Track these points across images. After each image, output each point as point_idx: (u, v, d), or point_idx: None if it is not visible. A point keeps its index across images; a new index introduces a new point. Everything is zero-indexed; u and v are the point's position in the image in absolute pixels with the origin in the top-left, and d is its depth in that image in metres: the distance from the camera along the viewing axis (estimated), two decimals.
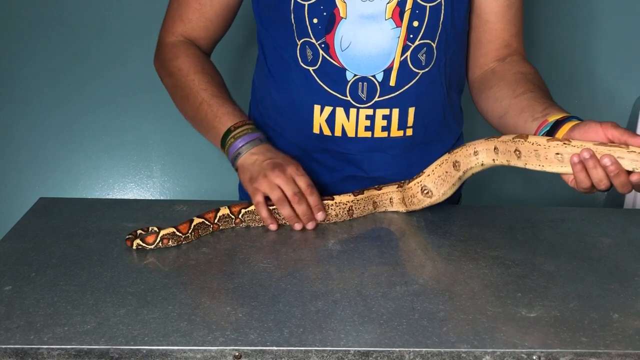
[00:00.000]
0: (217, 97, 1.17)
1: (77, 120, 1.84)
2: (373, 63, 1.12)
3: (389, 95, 1.13)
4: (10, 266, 0.94)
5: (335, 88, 1.13)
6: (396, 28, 1.10)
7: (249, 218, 1.09)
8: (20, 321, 0.80)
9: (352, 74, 1.12)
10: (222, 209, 1.07)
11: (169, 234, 1.01)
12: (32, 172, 1.88)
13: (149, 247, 1.00)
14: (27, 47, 1.79)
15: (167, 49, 1.23)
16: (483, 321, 0.82)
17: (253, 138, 1.13)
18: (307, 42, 1.12)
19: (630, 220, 1.16)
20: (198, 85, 1.18)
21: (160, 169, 1.91)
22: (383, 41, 1.11)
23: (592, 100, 1.87)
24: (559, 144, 0.94)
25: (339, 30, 1.11)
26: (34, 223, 1.08)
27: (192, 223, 1.03)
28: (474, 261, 0.98)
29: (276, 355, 0.76)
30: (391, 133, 1.16)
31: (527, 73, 1.17)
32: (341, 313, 0.83)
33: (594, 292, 0.90)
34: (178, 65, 1.20)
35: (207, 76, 1.19)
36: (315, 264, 0.96)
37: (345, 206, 1.10)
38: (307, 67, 1.14)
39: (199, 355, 0.76)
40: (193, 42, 1.24)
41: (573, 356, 0.77)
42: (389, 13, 1.10)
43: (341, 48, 1.11)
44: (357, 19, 1.10)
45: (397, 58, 1.12)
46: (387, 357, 0.76)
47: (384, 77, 1.13)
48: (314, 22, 1.11)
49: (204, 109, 1.16)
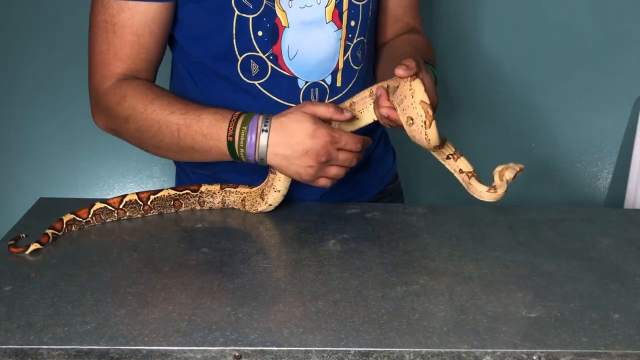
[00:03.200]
0: (190, 112, 1.03)
1: (77, 121, 1.84)
2: (322, 67, 1.12)
3: (337, 96, 1.15)
4: (10, 266, 0.94)
5: (287, 98, 1.11)
6: (338, 30, 1.11)
7: (158, 205, 1.10)
8: (20, 321, 0.80)
9: (303, 82, 1.12)
10: (130, 194, 1.07)
11: (70, 220, 1.03)
12: (32, 172, 1.88)
13: (59, 234, 1.02)
14: (27, 47, 1.78)
15: (107, 96, 1.08)
16: (483, 321, 0.82)
17: (254, 133, 1.01)
18: (252, 56, 1.08)
19: (630, 220, 1.16)
20: (162, 113, 1.04)
21: (160, 169, 1.90)
22: (328, 45, 1.12)
23: (592, 101, 1.87)
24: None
25: (284, 39, 1.09)
26: (34, 223, 1.08)
27: (92, 208, 1.05)
28: (474, 261, 0.98)
29: (276, 355, 0.76)
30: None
31: (413, 40, 1.21)
32: (341, 313, 0.83)
33: (594, 292, 0.90)
34: (130, 105, 1.05)
35: (166, 98, 1.06)
36: (315, 264, 0.96)
37: (241, 195, 1.13)
38: (252, 81, 1.10)
39: (199, 355, 0.76)
40: (133, 77, 1.09)
41: (573, 356, 0.77)
42: (329, 16, 1.10)
43: (289, 57, 1.10)
44: (300, 26, 1.09)
45: (340, 59, 1.13)
46: (387, 357, 0.76)
47: (332, 79, 1.13)
48: (258, 35, 1.07)
49: (185, 133, 1.03)
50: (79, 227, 1.05)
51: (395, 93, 1.00)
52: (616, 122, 1.89)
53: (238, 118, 1.02)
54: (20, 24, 1.77)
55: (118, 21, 1.06)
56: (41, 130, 1.85)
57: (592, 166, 1.92)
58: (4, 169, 1.88)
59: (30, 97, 1.83)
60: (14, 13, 1.76)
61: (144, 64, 1.09)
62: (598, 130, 1.89)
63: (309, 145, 1.00)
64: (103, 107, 1.10)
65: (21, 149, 1.87)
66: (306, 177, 1.03)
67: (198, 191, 1.13)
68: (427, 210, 1.16)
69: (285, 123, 1.01)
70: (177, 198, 1.12)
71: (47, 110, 1.83)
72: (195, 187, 1.13)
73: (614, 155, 1.91)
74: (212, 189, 1.13)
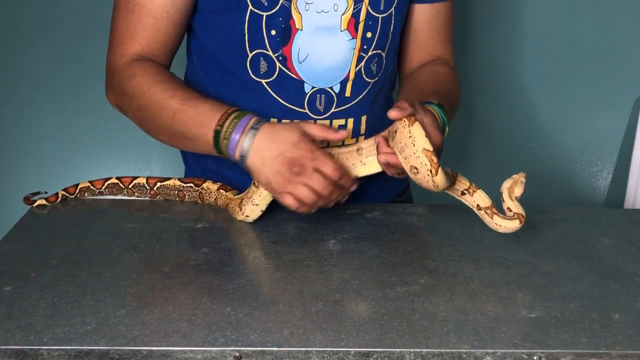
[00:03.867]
0: (189, 99, 1.03)
1: (77, 121, 1.84)
2: (331, 75, 1.11)
3: (345, 106, 1.13)
4: (10, 266, 0.94)
5: (292, 101, 1.11)
6: (352, 39, 1.10)
7: (163, 192, 1.18)
8: (20, 322, 0.80)
9: (310, 87, 1.11)
10: (140, 178, 1.17)
11: (84, 187, 1.17)
12: (32, 172, 1.88)
13: (70, 196, 1.17)
14: (28, 47, 1.78)
15: (119, 73, 1.09)
16: (484, 321, 0.82)
17: (243, 128, 0.98)
18: (262, 53, 1.08)
19: (630, 220, 1.16)
20: (163, 96, 1.04)
21: (160, 169, 1.91)
22: (340, 53, 1.10)
23: (592, 101, 1.87)
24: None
25: (296, 42, 1.08)
26: (34, 223, 1.08)
27: (106, 181, 1.17)
28: (475, 261, 0.98)
29: (277, 355, 0.76)
30: (345, 141, 1.12)
31: (437, 74, 1.18)
32: (341, 313, 0.83)
33: (594, 292, 0.90)
34: (137, 83, 1.06)
35: (172, 83, 1.06)
36: (315, 264, 0.96)
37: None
38: (260, 79, 1.10)
39: (199, 356, 0.76)
40: (147, 59, 1.10)
41: (574, 356, 0.77)
42: (344, 25, 1.09)
43: (298, 60, 1.09)
44: (313, 31, 1.08)
45: (352, 69, 1.12)
46: (387, 357, 0.76)
47: (340, 88, 1.12)
48: (271, 34, 1.07)
49: (179, 119, 1.02)
50: (92, 194, 1.18)
51: (395, 139, 0.97)
52: (616, 122, 1.89)
53: (233, 112, 1.01)
54: (21, 24, 1.77)
55: (138, 2, 1.07)
56: (41, 130, 1.85)
57: (592, 166, 1.92)
58: (4, 168, 1.88)
59: (30, 97, 1.83)
60: (14, 13, 1.76)
61: (160, 47, 1.10)
62: (598, 130, 1.89)
63: (288, 152, 0.97)
64: (115, 83, 1.10)
65: (21, 148, 1.87)
66: (275, 184, 0.98)
67: (200, 187, 1.16)
68: (427, 210, 1.16)
69: (277, 129, 0.99)
70: (180, 189, 1.17)
71: (47, 110, 1.84)
72: (199, 182, 1.16)
73: (614, 155, 1.91)
74: (211, 188, 1.15)
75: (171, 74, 1.10)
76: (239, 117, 1.00)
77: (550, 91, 1.87)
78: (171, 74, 1.10)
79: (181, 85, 1.07)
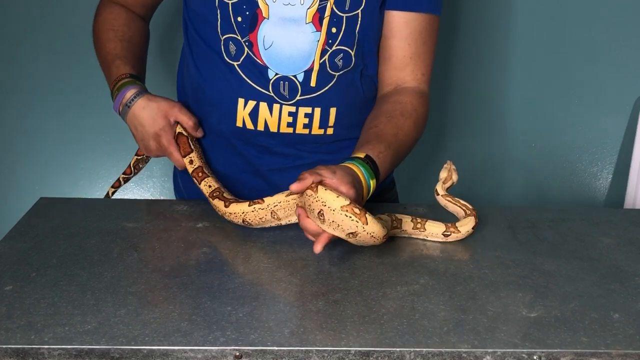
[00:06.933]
0: (120, 58, 1.21)
1: (77, 121, 1.84)
2: (294, 64, 1.14)
3: (311, 95, 1.16)
4: (11, 266, 0.94)
5: (259, 83, 1.16)
6: (316, 32, 1.13)
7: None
8: (21, 321, 0.80)
9: (273, 72, 1.14)
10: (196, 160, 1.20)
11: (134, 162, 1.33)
12: (32, 172, 1.88)
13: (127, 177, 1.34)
14: (28, 48, 1.79)
15: (99, 9, 1.29)
16: (484, 321, 0.82)
17: (123, 98, 1.17)
18: (232, 38, 1.14)
19: (630, 220, 1.16)
20: (108, 39, 1.23)
21: (160, 169, 1.91)
22: (304, 43, 1.13)
23: (592, 101, 1.87)
24: None
25: (262, 29, 1.13)
26: (34, 223, 1.08)
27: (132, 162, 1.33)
28: (475, 261, 0.98)
29: (277, 355, 0.76)
30: (312, 131, 1.18)
31: (394, 110, 1.15)
32: (342, 313, 0.83)
33: (594, 292, 0.90)
34: (101, 18, 1.26)
35: (122, 27, 1.24)
36: (315, 264, 0.96)
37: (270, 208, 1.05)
38: (231, 62, 1.16)
39: (199, 355, 0.76)
40: (122, 5, 1.28)
41: (573, 356, 0.77)
42: (309, 18, 1.13)
43: (264, 47, 1.14)
44: (279, 21, 1.13)
45: (317, 60, 1.14)
46: (387, 357, 0.76)
47: (304, 77, 1.15)
48: (238, 20, 1.13)
49: (101, 54, 1.24)
50: (144, 162, 1.34)
51: (311, 214, 0.92)
52: (616, 122, 1.89)
53: (120, 79, 1.18)
54: (22, 25, 1.77)
55: None
56: (42, 131, 1.85)
57: (592, 166, 1.92)
58: (5, 169, 1.88)
59: (31, 98, 1.83)
60: (15, 14, 1.76)
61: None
62: (598, 130, 1.89)
63: (145, 124, 1.17)
64: (95, 15, 1.29)
65: (22, 149, 1.87)
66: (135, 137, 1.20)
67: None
68: (427, 210, 1.16)
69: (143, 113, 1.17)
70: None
71: (47, 111, 1.84)
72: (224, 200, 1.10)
73: (614, 155, 1.91)
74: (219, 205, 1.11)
75: (128, 23, 1.26)
76: (120, 88, 1.18)
77: (550, 91, 1.87)
78: (128, 23, 1.26)
79: (126, 35, 1.24)
